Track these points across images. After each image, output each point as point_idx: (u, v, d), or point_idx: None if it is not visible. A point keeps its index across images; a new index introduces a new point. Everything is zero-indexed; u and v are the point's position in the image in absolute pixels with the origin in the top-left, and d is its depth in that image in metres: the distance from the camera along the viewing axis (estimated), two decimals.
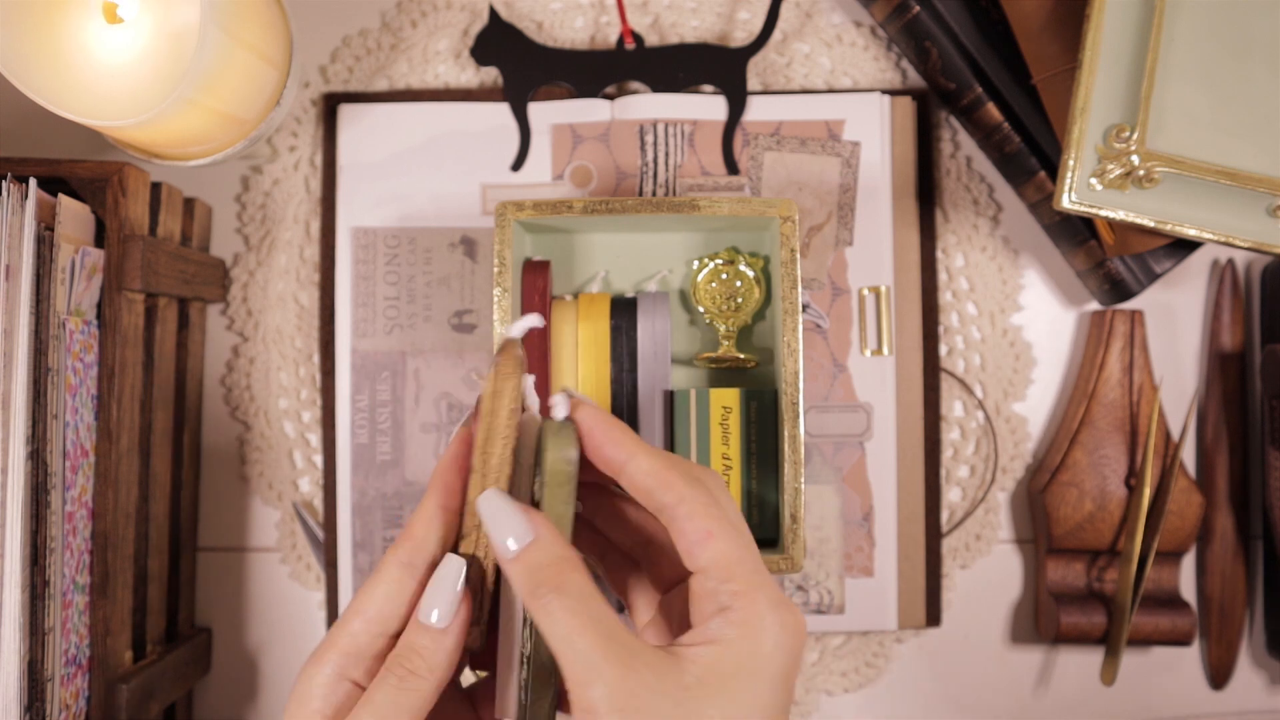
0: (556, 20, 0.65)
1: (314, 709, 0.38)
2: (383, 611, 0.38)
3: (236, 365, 0.65)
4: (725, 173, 0.62)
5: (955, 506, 0.65)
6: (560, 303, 0.58)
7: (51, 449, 0.51)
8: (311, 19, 0.65)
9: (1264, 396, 0.63)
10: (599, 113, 0.63)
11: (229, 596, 0.64)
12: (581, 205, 0.55)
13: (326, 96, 0.64)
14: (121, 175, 0.54)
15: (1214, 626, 0.64)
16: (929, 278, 0.64)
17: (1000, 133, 0.61)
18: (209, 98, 0.50)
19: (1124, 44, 0.52)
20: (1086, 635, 0.62)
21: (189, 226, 0.62)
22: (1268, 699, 0.65)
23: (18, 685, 0.48)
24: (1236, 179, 0.52)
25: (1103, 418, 0.63)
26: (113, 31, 0.50)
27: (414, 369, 0.62)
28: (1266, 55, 0.53)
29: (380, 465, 0.62)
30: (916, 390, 0.63)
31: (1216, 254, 0.66)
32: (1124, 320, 0.63)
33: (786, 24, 0.65)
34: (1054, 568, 0.63)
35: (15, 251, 0.49)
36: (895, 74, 0.65)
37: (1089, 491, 0.62)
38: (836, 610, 0.62)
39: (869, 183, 0.62)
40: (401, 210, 0.63)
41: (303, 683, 0.38)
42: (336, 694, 0.38)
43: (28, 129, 0.64)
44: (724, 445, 0.57)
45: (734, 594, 0.36)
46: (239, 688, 0.64)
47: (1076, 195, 0.53)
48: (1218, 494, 0.64)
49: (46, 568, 0.50)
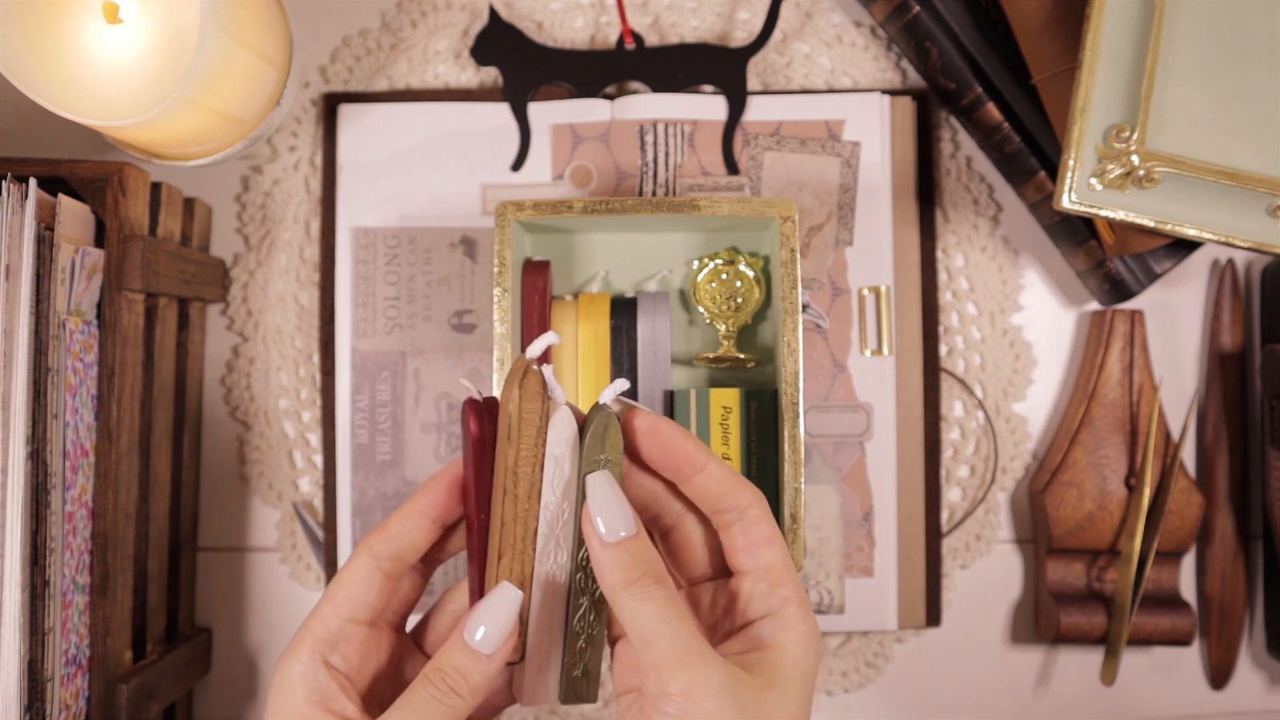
0: (556, 20, 0.65)
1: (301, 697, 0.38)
2: (351, 597, 0.40)
3: (236, 365, 0.65)
4: (725, 173, 0.62)
5: (955, 506, 0.65)
6: (560, 302, 0.58)
7: (51, 449, 0.51)
8: (311, 19, 0.65)
9: (1264, 396, 0.63)
10: (599, 113, 0.63)
11: (229, 596, 0.64)
12: (581, 205, 0.55)
13: (326, 96, 0.64)
14: (121, 175, 0.54)
15: (1214, 626, 0.64)
16: (929, 278, 0.64)
17: (1000, 133, 0.61)
18: (209, 98, 0.50)
19: (1124, 44, 0.52)
20: (1086, 635, 0.62)
21: (189, 226, 0.62)
22: (1268, 699, 0.65)
23: (18, 685, 0.48)
24: (1236, 179, 0.52)
25: (1103, 418, 0.63)
26: (113, 31, 0.50)
27: (414, 369, 0.62)
28: (1266, 55, 0.53)
29: (380, 465, 0.62)
30: (916, 390, 0.63)
31: (1216, 254, 0.66)
32: (1124, 320, 0.63)
33: (786, 24, 0.65)
34: (1054, 568, 0.63)
35: (15, 251, 0.49)
36: (895, 74, 0.65)
37: (1089, 491, 0.62)
38: (836, 610, 0.62)
39: (869, 183, 0.62)
40: (401, 210, 0.63)
41: (281, 676, 0.39)
42: (319, 679, 0.38)
43: (28, 129, 0.64)
44: (724, 445, 0.57)
45: (785, 600, 0.39)
46: (239, 688, 0.64)
47: (1076, 195, 0.53)
48: (1218, 494, 0.64)
49: (46, 568, 0.50)
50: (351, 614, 0.40)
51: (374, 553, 0.40)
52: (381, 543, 0.40)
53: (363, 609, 0.40)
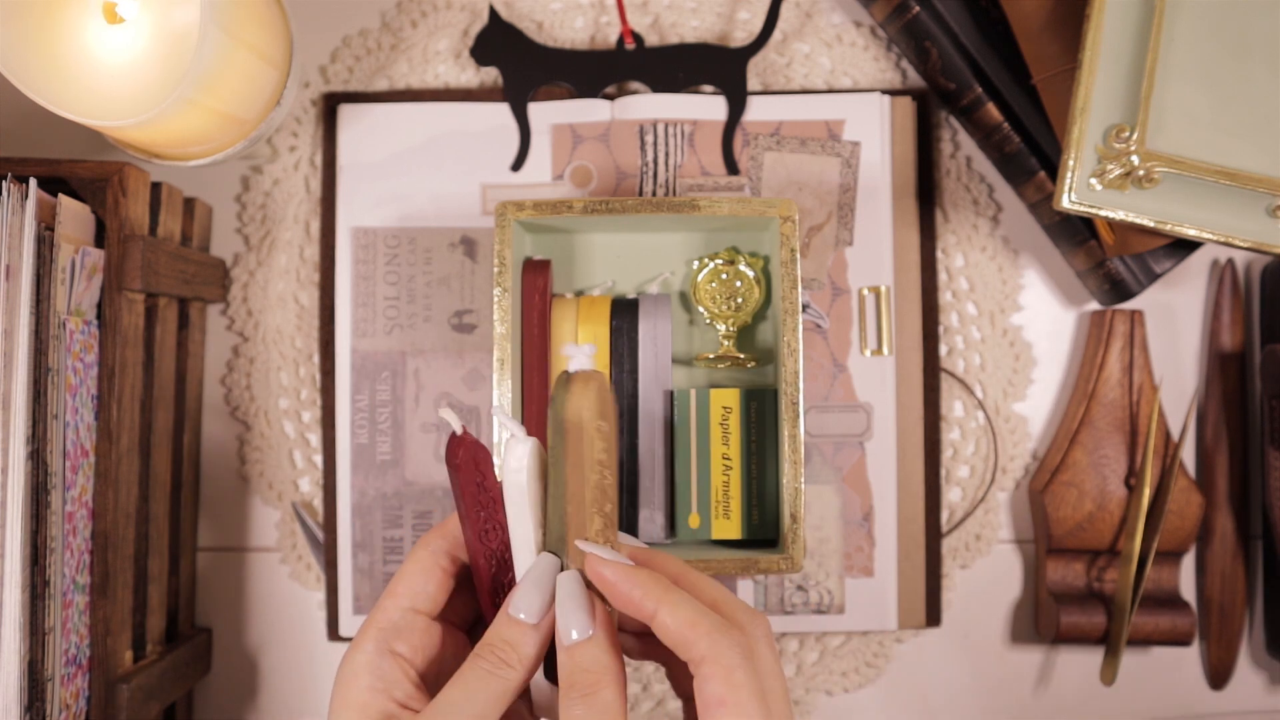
0: (556, 20, 0.65)
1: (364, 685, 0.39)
2: (411, 588, 0.40)
3: (236, 365, 0.65)
4: (725, 173, 0.62)
5: (955, 506, 0.65)
6: (561, 300, 0.58)
7: (51, 449, 0.51)
8: (311, 19, 0.65)
9: (1264, 396, 0.63)
10: (599, 113, 0.63)
11: (229, 596, 0.64)
12: (581, 205, 0.55)
13: (326, 96, 0.64)
14: (121, 175, 0.54)
15: (1214, 626, 0.64)
16: (929, 278, 0.64)
17: (1000, 133, 0.61)
18: (209, 98, 0.50)
19: (1124, 44, 0.52)
20: (1086, 635, 0.62)
21: (189, 226, 0.62)
22: (1268, 699, 0.65)
23: (18, 685, 0.48)
24: (1236, 179, 0.52)
25: (1103, 418, 0.63)
26: (113, 31, 0.50)
27: (414, 369, 0.62)
28: (1266, 55, 0.53)
29: (380, 465, 0.62)
30: (916, 390, 0.63)
31: (1216, 254, 0.66)
32: (1124, 320, 0.63)
33: (786, 24, 0.65)
34: (1054, 568, 0.63)
35: (15, 251, 0.49)
36: (895, 74, 0.65)
37: (1089, 491, 0.62)
38: (836, 610, 0.62)
39: (869, 183, 0.62)
40: (401, 210, 0.63)
41: (346, 666, 0.39)
42: (382, 667, 0.39)
43: (28, 129, 0.64)
44: (724, 445, 0.57)
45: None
46: (239, 688, 0.64)
47: (1076, 195, 0.53)
48: (1218, 494, 0.64)
49: (46, 568, 0.50)
50: (411, 604, 0.40)
51: (431, 549, 0.41)
52: (439, 539, 0.41)
53: (422, 599, 0.41)
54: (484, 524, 0.40)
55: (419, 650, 0.40)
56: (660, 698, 0.64)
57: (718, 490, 0.57)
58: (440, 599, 0.41)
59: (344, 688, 0.39)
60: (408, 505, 0.62)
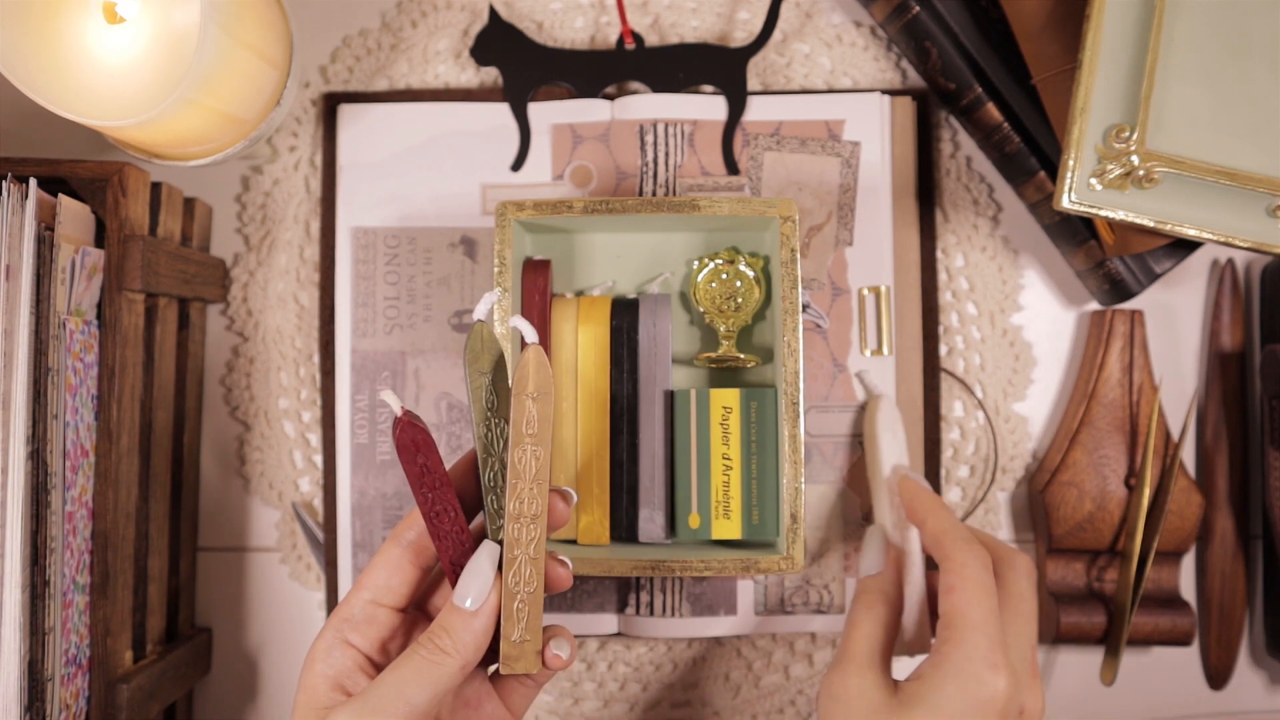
0: (556, 20, 0.65)
1: (317, 671, 0.41)
2: (375, 581, 0.43)
3: (236, 365, 0.65)
4: (725, 173, 0.62)
5: (955, 506, 0.65)
6: (561, 299, 0.58)
7: (51, 449, 0.51)
8: (311, 19, 0.65)
9: (1264, 396, 0.63)
10: (599, 113, 0.63)
11: (229, 596, 0.64)
12: (581, 205, 0.55)
13: (326, 96, 0.64)
14: (121, 175, 0.54)
15: (1214, 626, 0.64)
16: (929, 278, 0.64)
17: (1000, 133, 0.61)
18: (209, 98, 0.50)
19: (1124, 44, 0.52)
20: (1086, 635, 0.62)
21: (189, 226, 0.62)
22: (1267, 699, 0.65)
23: (18, 685, 0.48)
24: (1236, 179, 0.52)
25: (1103, 418, 0.63)
26: (113, 31, 0.51)
27: (414, 369, 0.62)
28: (1266, 55, 0.53)
29: (380, 465, 0.62)
30: (916, 390, 0.63)
31: (1216, 254, 0.66)
32: (1124, 320, 0.63)
33: (786, 24, 0.65)
34: (1054, 568, 0.63)
35: (15, 251, 0.49)
36: (895, 74, 0.65)
37: (1089, 491, 0.62)
38: (836, 610, 0.62)
39: (869, 183, 0.62)
40: (401, 210, 0.63)
41: (310, 651, 0.42)
42: (334, 655, 0.42)
43: (28, 129, 0.64)
44: (724, 445, 0.57)
45: (944, 641, 0.45)
46: (239, 688, 0.64)
47: (1076, 195, 0.53)
48: (1218, 494, 0.64)
49: (46, 568, 0.50)
50: (373, 596, 0.42)
51: (400, 541, 0.43)
52: (407, 530, 0.43)
53: (384, 592, 0.42)
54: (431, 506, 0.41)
55: (375, 641, 0.42)
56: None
57: (718, 490, 0.57)
58: (403, 591, 0.43)
59: (305, 669, 0.42)
60: (408, 505, 0.62)
